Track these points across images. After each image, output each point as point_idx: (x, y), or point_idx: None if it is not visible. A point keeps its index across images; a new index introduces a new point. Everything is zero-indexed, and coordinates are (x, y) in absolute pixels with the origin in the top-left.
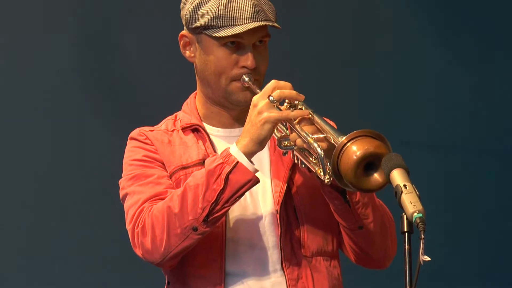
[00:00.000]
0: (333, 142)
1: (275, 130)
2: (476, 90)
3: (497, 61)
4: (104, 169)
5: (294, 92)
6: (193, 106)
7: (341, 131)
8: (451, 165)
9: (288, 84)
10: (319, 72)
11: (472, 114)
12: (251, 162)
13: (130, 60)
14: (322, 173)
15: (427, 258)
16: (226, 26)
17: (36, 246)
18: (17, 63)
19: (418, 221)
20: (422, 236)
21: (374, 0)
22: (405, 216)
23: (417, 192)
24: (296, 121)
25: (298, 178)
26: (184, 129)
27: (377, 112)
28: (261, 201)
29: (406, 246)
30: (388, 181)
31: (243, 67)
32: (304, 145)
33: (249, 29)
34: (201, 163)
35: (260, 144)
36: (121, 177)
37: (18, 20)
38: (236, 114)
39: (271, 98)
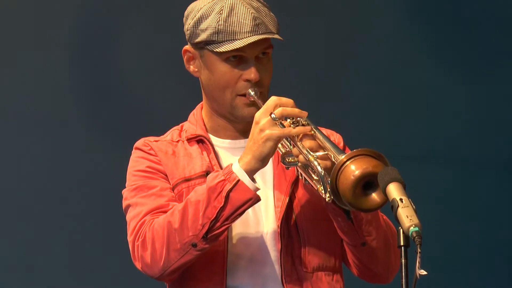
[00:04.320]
0: (333, 160)
1: (280, 146)
2: (475, 103)
3: (496, 73)
4: (102, 181)
5: (296, 109)
6: (199, 117)
7: (346, 143)
8: (449, 179)
9: (290, 101)
10: (319, 84)
11: (470, 128)
12: (253, 179)
13: (128, 71)
14: (323, 191)
15: (423, 272)
16: (226, 41)
17: (35, 255)
18: (15, 75)
19: (414, 235)
20: (419, 250)
21: (372, 13)
22: (401, 230)
23: (414, 206)
24: (298, 138)
25: (300, 192)
26: (189, 140)
27: (375, 126)
28: (264, 215)
29: (403, 260)
30: (386, 197)
31: (247, 80)
32: (306, 162)
33: (250, 43)
34: (204, 175)
35: (262, 162)
36: (125, 187)
37: (15, 32)
38: (242, 127)
39: (273, 115)
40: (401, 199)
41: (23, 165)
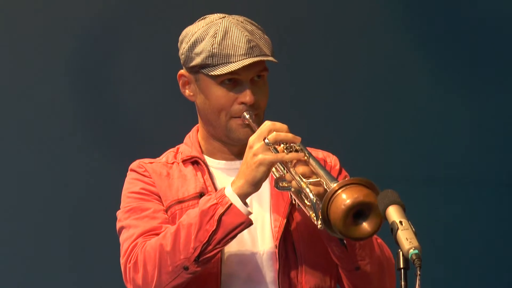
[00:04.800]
0: (325, 187)
1: (274, 170)
2: (476, 124)
3: (498, 94)
4: (98, 202)
5: (290, 135)
6: (195, 139)
7: (343, 165)
8: (450, 201)
9: (285, 127)
10: (318, 106)
11: (471, 149)
12: (246, 203)
13: (125, 93)
14: (315, 218)
15: None
16: (221, 64)
17: (31, 280)
18: (13, 94)
19: (414, 257)
20: (418, 272)
21: (372, 35)
22: (401, 252)
23: (413, 229)
24: (291, 164)
25: (297, 214)
26: (184, 162)
27: (376, 147)
28: (260, 236)
29: (402, 283)
30: (378, 228)
31: (242, 103)
32: (299, 188)
33: (244, 66)
34: (198, 196)
35: (255, 186)
36: (119, 209)
37: (15, 52)
38: (237, 150)
39: (266, 141)
40: (400, 222)
41: (23, 181)
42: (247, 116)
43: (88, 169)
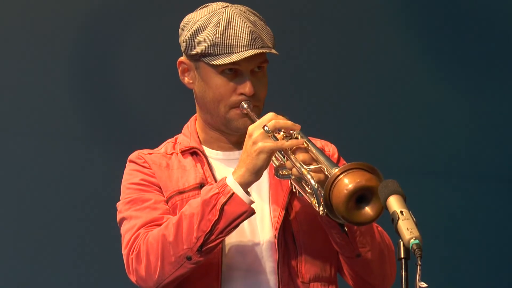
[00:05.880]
0: (326, 173)
1: (274, 158)
2: (476, 118)
3: (497, 88)
4: (101, 196)
5: (289, 122)
6: (193, 129)
7: (342, 156)
8: (449, 193)
9: (285, 120)
10: (319, 99)
11: (470, 142)
12: (248, 192)
13: (127, 86)
14: (317, 205)
15: (424, 285)
16: (223, 54)
17: (32, 277)
18: (14, 93)
19: (415, 247)
20: (419, 262)
21: (372, 31)
22: (401, 242)
23: (414, 218)
24: (291, 151)
25: (296, 204)
26: (183, 152)
27: (376, 140)
28: (259, 226)
29: (403, 273)
30: (381, 212)
31: (242, 94)
32: (300, 175)
33: (246, 57)
34: (198, 187)
35: (256, 174)
36: (119, 200)
37: (15, 45)
38: (235, 139)
39: (266, 128)
40: (401, 212)
41: (20, 184)
42: (245, 106)
43: (88, 167)
